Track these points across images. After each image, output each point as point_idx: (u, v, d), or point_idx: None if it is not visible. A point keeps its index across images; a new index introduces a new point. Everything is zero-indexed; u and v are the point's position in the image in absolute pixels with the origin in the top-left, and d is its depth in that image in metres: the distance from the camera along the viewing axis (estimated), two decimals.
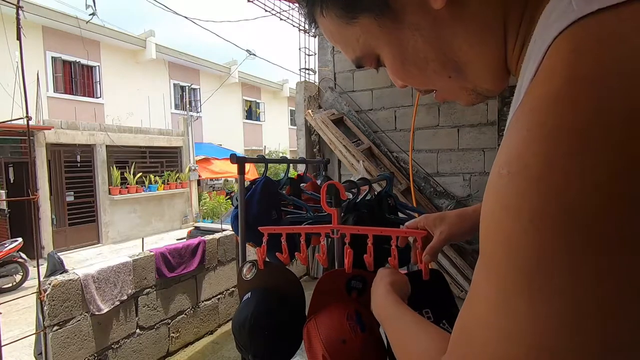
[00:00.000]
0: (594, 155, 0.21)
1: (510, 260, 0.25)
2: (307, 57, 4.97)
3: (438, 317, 0.78)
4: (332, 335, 0.81)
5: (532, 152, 0.24)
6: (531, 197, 0.23)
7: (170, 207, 10.81)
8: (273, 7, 4.53)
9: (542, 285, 0.23)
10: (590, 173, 0.21)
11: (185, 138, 11.26)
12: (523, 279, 0.24)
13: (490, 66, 0.38)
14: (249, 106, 17.14)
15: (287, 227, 1.04)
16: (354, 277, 0.90)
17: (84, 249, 8.73)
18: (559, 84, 0.24)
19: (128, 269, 2.43)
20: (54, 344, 2.01)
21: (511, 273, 0.25)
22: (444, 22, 0.34)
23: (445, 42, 0.36)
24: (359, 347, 0.77)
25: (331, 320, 0.84)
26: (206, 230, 5.76)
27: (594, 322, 0.22)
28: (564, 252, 0.22)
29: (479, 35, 0.35)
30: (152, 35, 11.95)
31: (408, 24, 0.36)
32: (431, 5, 0.33)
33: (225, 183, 14.47)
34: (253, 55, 11.76)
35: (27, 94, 1.75)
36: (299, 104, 4.69)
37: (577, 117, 0.22)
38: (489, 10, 0.34)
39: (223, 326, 3.20)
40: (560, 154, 0.22)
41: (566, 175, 0.22)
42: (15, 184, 7.76)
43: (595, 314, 0.22)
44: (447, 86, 0.43)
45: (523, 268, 0.24)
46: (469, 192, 3.84)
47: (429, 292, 0.78)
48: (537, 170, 0.23)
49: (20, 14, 1.76)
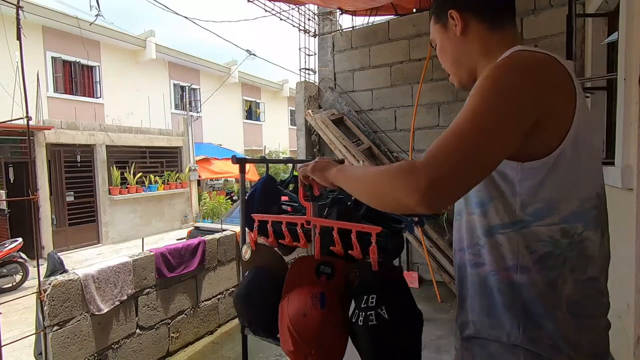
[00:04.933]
0: (499, 82, 0.67)
1: (466, 112, 0.66)
2: (307, 57, 4.96)
3: (380, 302, 0.88)
4: (296, 310, 0.96)
5: (481, 83, 0.69)
6: (482, 92, 0.67)
7: (170, 207, 10.80)
8: (273, 7, 4.53)
9: (475, 121, 0.64)
10: (495, 86, 0.67)
11: (185, 138, 11.26)
12: (468, 117, 0.65)
13: (469, 71, 0.86)
14: (249, 106, 17.13)
15: (272, 216, 1.22)
16: (323, 263, 1.04)
17: (84, 249, 8.73)
18: (494, 66, 0.71)
19: (128, 269, 2.43)
20: (54, 344, 2.01)
21: (464, 115, 0.65)
22: (459, 42, 0.85)
23: (457, 49, 0.86)
24: (317, 320, 0.92)
25: (298, 297, 0.98)
26: (206, 230, 5.76)
27: (489, 135, 0.63)
28: (486, 108, 0.65)
29: (470, 55, 0.84)
30: (152, 35, 11.95)
31: (448, 35, 0.86)
32: (455, 33, 0.83)
33: (225, 183, 14.47)
34: (253, 55, 11.76)
35: (27, 94, 1.75)
36: (299, 104, 4.69)
37: (495, 71, 0.69)
38: (478, 46, 0.82)
39: (223, 326, 3.19)
40: (498, 79, 0.68)
41: (490, 85, 0.67)
42: (15, 184, 7.76)
43: (485, 130, 0.63)
44: (451, 71, 0.90)
45: (471, 112, 0.65)
46: None
47: (381, 282, 0.91)
48: (483, 85, 0.68)
49: (20, 14, 1.76)
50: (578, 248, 0.69)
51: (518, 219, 0.71)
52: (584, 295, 0.70)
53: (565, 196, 0.69)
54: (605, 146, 3.02)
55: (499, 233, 0.74)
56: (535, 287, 0.70)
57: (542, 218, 0.70)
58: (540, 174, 0.68)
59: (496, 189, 0.73)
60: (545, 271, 0.70)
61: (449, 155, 0.60)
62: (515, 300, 0.72)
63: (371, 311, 0.88)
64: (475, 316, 0.77)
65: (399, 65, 4.29)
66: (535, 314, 0.70)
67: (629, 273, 2.07)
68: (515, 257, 0.72)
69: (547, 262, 0.70)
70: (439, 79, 4.02)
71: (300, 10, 4.86)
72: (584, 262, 0.70)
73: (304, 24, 4.92)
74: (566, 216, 0.69)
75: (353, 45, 4.66)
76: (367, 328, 0.87)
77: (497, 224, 0.74)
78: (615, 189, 2.28)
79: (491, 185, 0.74)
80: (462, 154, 0.60)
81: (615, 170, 2.23)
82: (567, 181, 0.68)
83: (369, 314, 0.88)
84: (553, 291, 0.70)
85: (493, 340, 0.74)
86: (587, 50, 3.16)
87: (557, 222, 0.69)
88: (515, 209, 0.71)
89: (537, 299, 0.70)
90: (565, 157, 0.67)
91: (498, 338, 0.73)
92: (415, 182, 0.59)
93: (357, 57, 4.61)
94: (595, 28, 3.03)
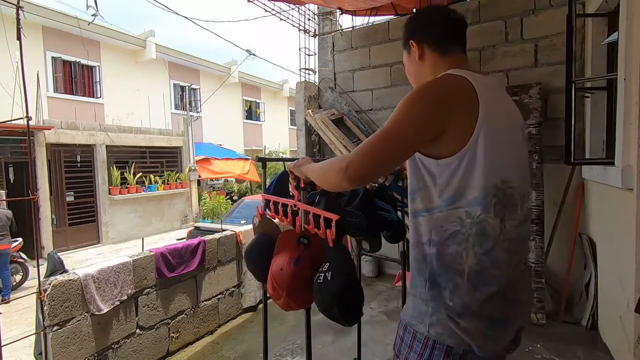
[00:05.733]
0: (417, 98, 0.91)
1: (386, 122, 0.91)
2: (307, 57, 4.96)
3: (328, 268, 1.25)
4: (277, 265, 1.36)
5: (401, 101, 0.91)
6: (397, 108, 0.90)
7: (170, 207, 10.80)
8: (273, 7, 4.53)
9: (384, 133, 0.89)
10: (415, 102, 0.90)
11: (185, 138, 11.26)
12: (384, 126, 0.90)
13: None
14: (249, 106, 17.13)
15: (274, 197, 1.63)
16: (302, 236, 1.41)
17: (84, 249, 8.73)
18: (413, 89, 0.95)
19: (128, 269, 2.43)
20: (54, 344, 2.01)
21: (384, 124, 0.91)
22: (418, 64, 1.09)
23: (417, 70, 1.10)
24: (289, 274, 1.31)
25: (281, 258, 1.37)
26: (206, 230, 5.76)
27: (390, 140, 0.88)
28: (398, 123, 0.89)
29: (426, 75, 1.06)
30: (152, 35, 11.95)
31: (411, 59, 1.11)
32: (415, 57, 1.09)
33: (225, 183, 14.46)
34: (253, 55, 11.76)
35: (27, 94, 1.75)
36: (299, 104, 4.69)
37: (410, 93, 0.91)
38: (430, 68, 1.06)
39: (223, 326, 3.19)
40: (409, 99, 0.90)
41: (410, 103, 0.90)
42: (15, 184, 7.75)
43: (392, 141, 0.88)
44: (414, 86, 1.09)
45: (386, 122, 0.91)
46: None
47: (332, 255, 1.28)
48: (400, 103, 0.91)
49: (20, 14, 1.76)
50: (477, 227, 0.89)
51: (436, 205, 0.93)
52: (482, 267, 0.89)
53: (469, 186, 0.89)
54: (605, 146, 3.02)
55: (420, 216, 0.97)
56: (443, 257, 0.92)
57: (452, 203, 0.91)
58: (451, 169, 0.90)
59: (423, 182, 0.96)
60: (454, 245, 0.91)
61: (363, 152, 0.89)
62: (426, 267, 0.95)
63: (321, 274, 1.25)
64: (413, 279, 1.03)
65: (399, 65, 4.29)
66: (439, 278, 0.92)
67: (629, 273, 2.07)
68: (429, 234, 0.95)
69: (455, 238, 0.91)
70: None
71: (300, 10, 4.86)
72: (482, 239, 0.89)
73: (304, 24, 4.92)
74: (469, 201, 0.89)
75: (353, 45, 4.66)
76: (317, 284, 1.25)
77: (421, 208, 0.97)
78: (615, 189, 2.28)
79: (420, 179, 0.97)
80: (371, 152, 0.88)
81: (615, 170, 2.23)
82: (470, 175, 0.89)
83: (319, 275, 1.25)
84: (459, 261, 0.90)
85: (416, 296, 0.99)
86: (587, 50, 3.16)
87: (463, 206, 0.90)
88: (435, 196, 0.93)
89: (442, 267, 0.92)
90: (469, 156, 0.88)
91: (418, 294, 0.98)
92: (343, 168, 0.89)
93: (357, 57, 4.61)
94: (595, 28, 3.03)
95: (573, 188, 3.32)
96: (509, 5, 3.63)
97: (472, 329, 0.89)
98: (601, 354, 2.53)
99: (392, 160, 0.90)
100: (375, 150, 0.88)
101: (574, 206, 3.28)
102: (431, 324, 0.93)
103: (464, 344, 0.90)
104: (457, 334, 0.90)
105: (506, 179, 0.92)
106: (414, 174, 0.99)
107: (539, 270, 3.05)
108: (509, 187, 0.92)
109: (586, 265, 3.04)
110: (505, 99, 1.02)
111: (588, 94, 3.11)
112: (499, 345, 0.94)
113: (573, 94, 2.59)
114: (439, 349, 0.91)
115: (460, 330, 0.90)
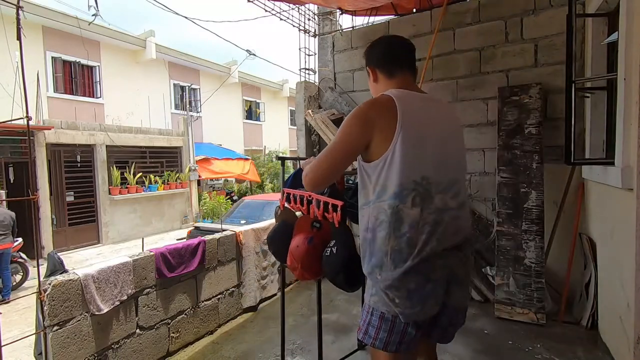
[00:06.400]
0: (350, 120, 1.20)
1: (333, 139, 1.23)
2: (307, 57, 4.96)
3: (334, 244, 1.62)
4: (295, 243, 1.76)
5: (342, 123, 1.22)
6: (340, 128, 1.21)
7: (170, 207, 10.80)
8: (273, 7, 4.52)
9: (330, 145, 1.23)
10: (347, 124, 1.19)
11: (185, 138, 11.26)
12: (328, 147, 1.24)
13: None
14: (249, 106, 17.12)
15: (292, 190, 1.95)
16: (315, 220, 1.77)
17: (84, 249, 8.73)
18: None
19: (128, 269, 2.43)
20: (54, 344, 2.01)
21: (328, 146, 1.25)
22: (374, 85, 1.40)
23: (374, 90, 1.39)
24: (303, 250, 1.69)
25: (298, 238, 1.77)
26: (206, 230, 5.76)
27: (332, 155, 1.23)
28: (337, 140, 1.21)
29: (377, 93, 1.28)
30: (152, 35, 11.94)
31: (369, 81, 1.41)
32: (372, 79, 1.40)
33: (225, 183, 14.46)
34: (253, 55, 11.75)
35: (27, 94, 1.75)
36: (299, 104, 4.69)
37: (352, 113, 1.21)
38: (383, 88, 1.31)
39: (223, 326, 3.19)
40: (347, 118, 1.21)
41: (345, 124, 1.20)
42: (15, 184, 7.75)
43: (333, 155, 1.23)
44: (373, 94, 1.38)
45: (330, 144, 1.24)
46: (469, 191, 3.84)
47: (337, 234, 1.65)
48: (344, 124, 1.20)
49: (20, 14, 1.76)
50: (395, 216, 1.13)
51: (371, 199, 1.19)
52: (400, 247, 1.13)
53: (389, 182, 1.13)
54: (605, 146, 3.02)
55: (362, 208, 1.25)
56: (375, 241, 1.18)
57: (380, 197, 1.16)
58: (378, 169, 1.15)
59: (363, 181, 1.23)
60: (382, 231, 1.16)
61: (315, 165, 1.27)
62: (366, 250, 1.22)
63: (329, 249, 1.61)
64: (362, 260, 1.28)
65: None
66: (373, 258, 1.19)
67: (629, 273, 2.06)
68: (367, 223, 1.21)
69: (382, 225, 1.16)
70: (439, 78, 4.02)
71: (300, 10, 4.86)
72: (399, 225, 1.13)
73: (304, 24, 4.92)
74: (389, 195, 1.14)
75: (353, 45, 4.66)
76: (325, 257, 1.63)
77: (363, 202, 1.24)
78: (615, 189, 2.28)
79: (362, 179, 1.24)
80: (319, 166, 1.25)
81: (615, 170, 2.23)
82: (390, 173, 1.13)
83: (327, 250, 1.62)
84: (385, 243, 1.15)
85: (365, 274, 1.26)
86: (587, 50, 3.16)
87: (385, 199, 1.15)
88: (370, 192, 1.20)
89: (375, 249, 1.18)
90: (389, 158, 1.13)
91: (364, 270, 1.26)
92: (305, 176, 1.31)
93: (357, 57, 4.61)
94: (595, 28, 3.03)
95: (573, 188, 3.32)
96: (509, 5, 3.63)
97: (395, 299, 1.15)
98: (601, 354, 2.53)
99: (337, 169, 1.25)
100: (323, 164, 1.24)
101: (574, 206, 3.28)
102: (372, 295, 1.23)
103: (392, 311, 1.17)
104: (387, 302, 1.17)
105: (426, 175, 1.15)
106: (359, 175, 1.25)
107: (539, 270, 3.05)
108: (428, 182, 1.15)
109: (586, 265, 3.04)
110: (435, 110, 1.26)
111: (588, 94, 3.10)
112: (420, 315, 1.15)
113: (573, 94, 2.59)
114: (375, 314, 1.21)
115: (389, 299, 1.16)
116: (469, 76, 3.87)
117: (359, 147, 1.17)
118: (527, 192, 3.19)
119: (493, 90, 3.69)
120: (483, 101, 3.81)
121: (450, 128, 1.27)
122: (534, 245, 3.10)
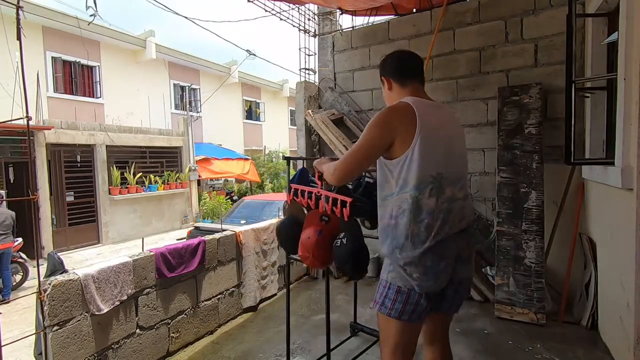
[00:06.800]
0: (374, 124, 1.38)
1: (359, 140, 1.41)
2: (307, 57, 4.96)
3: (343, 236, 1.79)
4: (305, 235, 1.89)
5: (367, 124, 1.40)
6: (365, 128, 1.40)
7: (170, 207, 10.80)
8: (273, 7, 4.53)
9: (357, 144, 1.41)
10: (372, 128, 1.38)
11: (185, 138, 11.26)
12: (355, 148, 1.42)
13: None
14: (249, 106, 17.12)
15: (300, 186, 2.10)
16: (324, 214, 1.91)
17: (84, 249, 8.72)
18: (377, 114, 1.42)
19: (128, 269, 2.43)
20: (54, 344, 2.01)
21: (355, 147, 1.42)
22: (388, 94, 1.59)
23: (388, 98, 1.59)
24: (313, 241, 1.83)
25: (308, 230, 1.90)
26: (206, 230, 5.76)
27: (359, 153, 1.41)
28: (363, 141, 1.39)
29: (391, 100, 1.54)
30: (152, 35, 11.93)
31: (384, 89, 1.61)
32: (386, 88, 1.59)
33: (225, 183, 14.46)
34: (253, 55, 11.74)
35: (27, 94, 1.75)
36: (299, 104, 4.69)
37: (374, 117, 1.40)
38: (396, 96, 1.52)
39: (223, 326, 3.19)
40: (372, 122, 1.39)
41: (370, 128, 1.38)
42: (15, 184, 7.75)
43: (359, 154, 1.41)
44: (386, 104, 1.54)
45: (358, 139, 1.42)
46: (469, 191, 3.84)
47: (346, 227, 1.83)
48: (367, 126, 1.40)
49: (20, 14, 1.76)
50: (416, 205, 1.32)
51: (394, 191, 1.38)
52: (419, 231, 1.33)
53: (411, 177, 1.32)
54: (605, 146, 3.02)
55: (385, 199, 1.42)
56: (398, 226, 1.36)
57: (402, 189, 1.35)
58: (400, 166, 1.34)
59: (385, 176, 1.42)
60: (404, 217, 1.34)
61: (343, 161, 1.45)
62: (388, 234, 1.40)
63: (339, 240, 1.79)
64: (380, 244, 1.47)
65: None
66: (394, 241, 1.37)
67: (629, 273, 2.06)
68: (391, 211, 1.38)
69: (404, 213, 1.34)
70: (439, 78, 4.02)
71: (300, 10, 4.86)
72: (417, 212, 1.32)
73: (304, 24, 4.92)
74: (411, 187, 1.32)
75: (353, 45, 4.66)
76: (335, 247, 1.80)
77: (386, 194, 1.42)
78: (615, 189, 2.28)
79: (384, 174, 1.42)
80: (347, 162, 1.43)
81: (615, 170, 2.23)
82: (410, 169, 1.32)
83: (337, 240, 1.80)
84: (406, 228, 1.34)
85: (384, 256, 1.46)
86: (587, 50, 3.16)
87: (407, 191, 1.33)
88: (393, 185, 1.38)
89: (397, 233, 1.36)
90: (409, 157, 1.32)
91: (383, 254, 1.46)
92: (332, 172, 1.49)
93: (357, 57, 4.61)
94: (595, 28, 3.03)
95: (573, 188, 3.32)
96: (509, 5, 3.63)
97: (413, 274, 1.34)
98: (601, 354, 2.53)
99: (361, 167, 1.46)
100: (352, 160, 1.42)
101: (574, 206, 3.28)
102: (389, 272, 1.43)
103: (408, 284, 1.37)
104: (405, 277, 1.37)
105: (440, 171, 1.35)
106: (380, 171, 1.44)
107: (539, 270, 3.05)
108: (442, 177, 1.35)
109: (586, 265, 3.04)
110: (442, 115, 1.45)
111: (588, 94, 3.10)
112: (432, 287, 1.35)
113: (573, 94, 2.59)
114: (392, 288, 1.40)
115: (407, 274, 1.36)
116: (469, 76, 3.87)
117: (382, 147, 1.36)
118: (527, 192, 3.19)
119: (493, 90, 3.69)
120: (483, 101, 3.81)
121: (454, 130, 1.47)
122: (534, 245, 3.10)
